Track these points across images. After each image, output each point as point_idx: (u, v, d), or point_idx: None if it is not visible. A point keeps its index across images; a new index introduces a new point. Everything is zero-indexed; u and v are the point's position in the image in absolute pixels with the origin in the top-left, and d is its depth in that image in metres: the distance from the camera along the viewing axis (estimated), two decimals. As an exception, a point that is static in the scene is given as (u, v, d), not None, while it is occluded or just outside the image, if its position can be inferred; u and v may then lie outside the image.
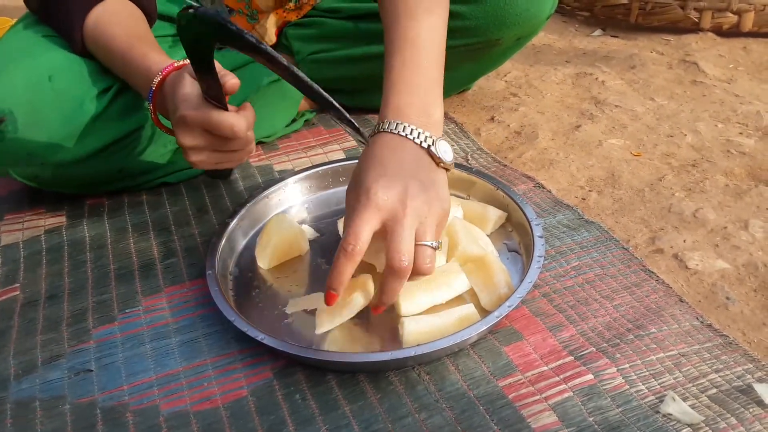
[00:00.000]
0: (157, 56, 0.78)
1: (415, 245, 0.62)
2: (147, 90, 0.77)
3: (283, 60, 0.62)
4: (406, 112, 0.68)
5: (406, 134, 0.66)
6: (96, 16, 0.82)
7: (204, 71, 0.68)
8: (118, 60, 0.81)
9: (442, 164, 0.67)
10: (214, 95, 0.70)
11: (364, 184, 0.63)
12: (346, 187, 0.69)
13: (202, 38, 0.64)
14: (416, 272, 0.63)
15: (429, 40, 0.72)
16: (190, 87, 0.71)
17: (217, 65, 0.69)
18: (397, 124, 0.67)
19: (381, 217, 0.61)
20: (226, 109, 0.72)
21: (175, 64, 0.76)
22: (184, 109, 0.71)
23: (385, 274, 0.62)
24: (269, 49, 0.61)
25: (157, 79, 0.76)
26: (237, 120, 0.71)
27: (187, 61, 0.75)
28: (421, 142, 0.66)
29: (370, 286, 0.68)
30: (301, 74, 0.62)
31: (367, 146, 0.68)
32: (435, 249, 0.64)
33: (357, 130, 0.67)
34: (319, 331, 0.67)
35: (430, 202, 0.64)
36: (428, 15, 0.72)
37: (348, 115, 0.65)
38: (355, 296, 0.67)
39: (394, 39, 0.72)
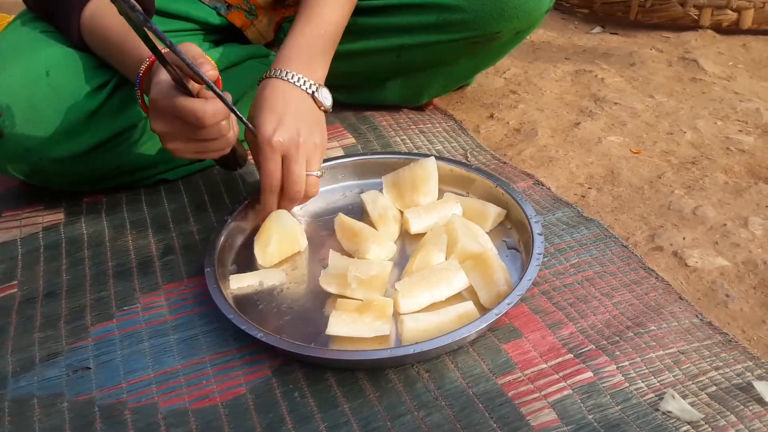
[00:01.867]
0: (146, 48, 0.77)
1: (306, 175, 0.79)
2: (136, 76, 0.76)
3: (166, 39, 0.64)
4: (294, 64, 0.82)
5: (294, 81, 0.80)
6: (92, 10, 0.82)
7: (160, 60, 0.67)
8: (114, 51, 0.81)
9: (323, 108, 0.83)
10: (179, 81, 0.69)
11: (265, 133, 0.76)
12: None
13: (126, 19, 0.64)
14: (305, 195, 0.80)
15: (331, 19, 0.87)
16: (163, 73, 0.71)
17: (197, 51, 0.70)
18: (287, 72, 0.80)
19: (281, 154, 0.77)
20: (192, 96, 0.70)
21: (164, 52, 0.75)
22: (154, 93, 0.71)
23: (283, 198, 0.79)
24: (153, 25, 0.62)
25: (144, 65, 0.75)
26: (201, 107, 0.69)
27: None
28: (306, 88, 0.81)
29: (389, 311, 0.68)
30: (180, 51, 0.66)
31: (261, 86, 0.81)
32: (319, 177, 0.81)
33: (236, 115, 0.74)
34: (330, 331, 0.66)
35: (315, 138, 0.80)
36: (337, 2, 0.87)
37: (228, 101, 0.71)
38: (379, 323, 0.67)
39: (308, 7, 0.86)
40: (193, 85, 0.71)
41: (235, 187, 0.96)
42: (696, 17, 1.53)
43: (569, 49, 1.51)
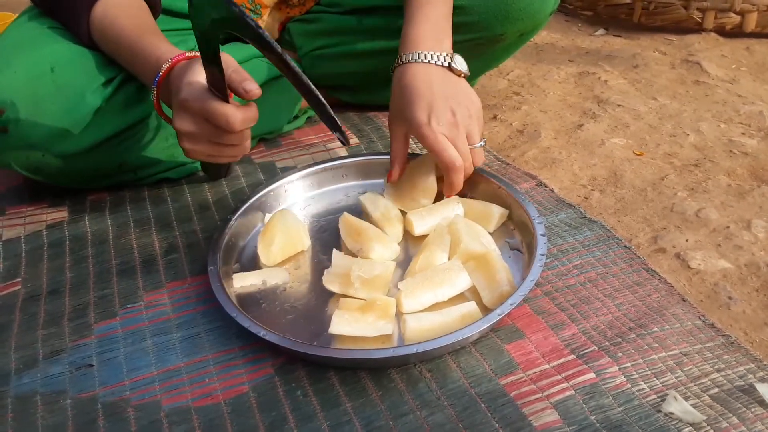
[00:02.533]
0: (166, 46, 0.79)
1: (470, 148, 0.80)
2: (153, 77, 0.77)
3: (285, 55, 0.64)
4: (422, 42, 0.82)
5: (428, 60, 0.81)
6: (103, 8, 0.82)
7: (209, 59, 0.69)
8: (126, 50, 0.81)
9: (462, 75, 0.83)
10: (218, 87, 0.71)
11: (422, 122, 0.78)
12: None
13: (209, 22, 0.65)
14: (475, 165, 0.83)
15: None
16: (197, 75, 0.72)
17: (233, 63, 0.71)
18: (418, 53, 0.81)
19: (447, 137, 0.78)
20: (227, 102, 0.72)
21: (187, 54, 0.77)
22: (186, 94, 0.72)
23: (451, 174, 0.79)
24: (272, 41, 0.63)
25: (166, 65, 0.76)
26: (233, 112, 0.71)
27: (193, 54, 0.76)
28: (442, 62, 0.81)
29: (392, 311, 0.68)
30: (300, 71, 0.66)
31: (398, 75, 0.83)
32: (483, 146, 0.83)
33: (342, 134, 0.73)
34: (332, 330, 0.66)
35: (468, 110, 0.80)
36: None
37: (339, 124, 0.71)
38: (382, 323, 0.67)
39: None
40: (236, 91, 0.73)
41: (238, 185, 0.96)
42: (699, 20, 1.53)
43: (572, 51, 1.51)
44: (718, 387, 0.60)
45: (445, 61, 0.81)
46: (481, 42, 1.02)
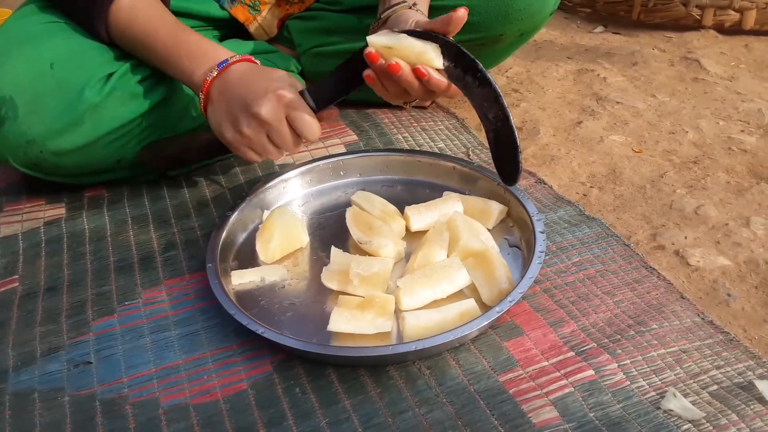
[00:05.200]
0: (214, 43, 0.83)
1: None
2: (205, 69, 0.80)
3: (499, 92, 0.70)
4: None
5: (419, 10, 0.84)
6: (130, 3, 0.83)
7: (347, 80, 0.77)
8: (165, 36, 0.82)
9: None
10: (319, 100, 0.77)
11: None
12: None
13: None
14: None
15: None
16: (296, 82, 0.78)
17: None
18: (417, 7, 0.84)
19: None
20: (315, 111, 0.77)
21: (253, 58, 0.82)
22: (286, 90, 0.75)
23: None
24: (488, 75, 0.70)
25: (236, 58, 0.80)
26: (317, 125, 0.76)
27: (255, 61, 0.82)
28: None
29: (391, 308, 0.68)
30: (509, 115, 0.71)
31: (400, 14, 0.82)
32: None
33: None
34: (331, 328, 0.66)
35: None
36: None
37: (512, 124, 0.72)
38: (381, 320, 0.66)
39: None
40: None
41: (237, 182, 0.96)
42: (698, 17, 1.53)
43: (571, 49, 1.50)
44: (717, 384, 0.60)
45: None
46: (481, 42, 1.01)
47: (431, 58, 0.71)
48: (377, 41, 0.72)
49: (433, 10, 0.97)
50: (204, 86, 0.79)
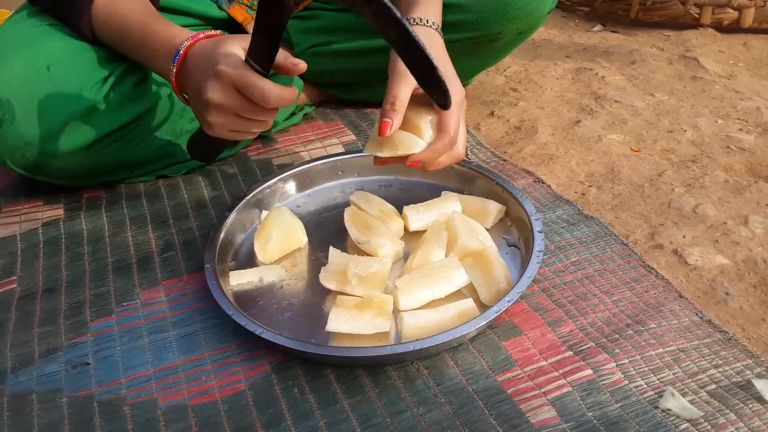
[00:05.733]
0: (180, 28, 0.78)
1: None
2: (169, 57, 0.76)
3: (396, 12, 0.62)
4: (427, 12, 0.83)
5: (431, 26, 0.82)
6: (106, 1, 0.82)
7: (273, 29, 0.67)
8: (136, 34, 0.80)
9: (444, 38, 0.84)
10: (262, 60, 0.70)
11: (457, 98, 0.75)
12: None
13: None
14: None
15: None
16: (235, 48, 0.71)
17: (288, 55, 0.72)
18: (425, 20, 0.82)
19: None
20: (265, 76, 0.71)
21: (208, 33, 0.77)
22: (223, 65, 0.70)
23: (442, 151, 0.75)
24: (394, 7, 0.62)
25: (187, 43, 0.75)
26: (271, 87, 0.70)
27: (216, 32, 0.76)
28: (438, 29, 0.83)
29: (389, 308, 0.68)
30: (414, 33, 0.64)
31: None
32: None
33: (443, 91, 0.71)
34: (330, 328, 0.66)
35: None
36: None
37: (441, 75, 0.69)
38: (379, 320, 0.66)
39: None
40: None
41: (235, 183, 0.96)
42: (697, 16, 1.53)
43: (570, 47, 1.50)
44: (715, 383, 0.60)
45: (439, 28, 0.82)
46: (479, 40, 1.01)
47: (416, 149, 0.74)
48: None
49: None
50: (174, 89, 0.79)
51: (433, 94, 0.71)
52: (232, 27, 1.08)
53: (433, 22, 0.82)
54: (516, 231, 0.80)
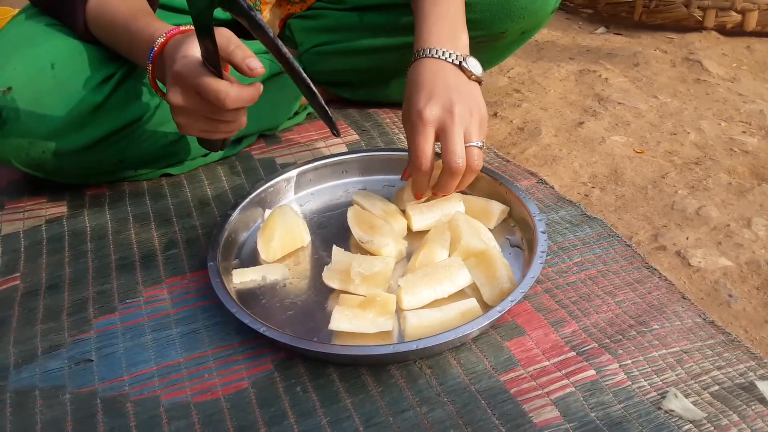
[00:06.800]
0: (161, 24, 0.77)
1: (466, 146, 0.74)
2: (149, 54, 0.75)
3: (270, 32, 0.63)
4: (437, 39, 0.79)
5: (440, 56, 0.78)
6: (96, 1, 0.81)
7: (203, 32, 0.66)
8: (122, 32, 0.79)
9: (473, 77, 0.79)
10: (212, 62, 0.68)
11: (415, 108, 0.74)
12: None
13: None
14: (469, 170, 0.75)
15: None
16: (192, 49, 0.70)
17: (236, 39, 0.69)
18: (431, 49, 0.78)
19: (434, 129, 0.74)
20: (219, 77, 0.69)
21: (181, 28, 0.75)
22: (179, 67, 0.69)
23: (442, 173, 0.75)
24: (259, 17, 0.61)
25: (160, 40, 0.74)
26: (226, 88, 0.68)
27: (188, 27, 0.75)
28: (453, 60, 0.78)
29: (392, 307, 0.68)
30: (290, 56, 0.65)
31: (409, 72, 0.79)
32: (480, 148, 0.76)
33: (332, 124, 0.72)
34: (332, 326, 0.66)
35: (470, 109, 0.75)
36: None
37: (325, 107, 0.70)
38: (382, 319, 0.67)
39: None
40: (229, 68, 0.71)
41: (238, 181, 0.96)
42: (700, 18, 1.53)
43: (573, 49, 1.50)
44: (718, 384, 0.60)
45: (456, 59, 0.78)
46: (482, 39, 1.01)
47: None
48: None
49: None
50: (152, 85, 0.78)
51: (321, 117, 0.71)
52: (233, 27, 1.08)
53: (437, 50, 0.78)
54: (519, 231, 0.80)
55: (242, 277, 0.75)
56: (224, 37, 0.68)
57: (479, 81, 0.80)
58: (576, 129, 1.11)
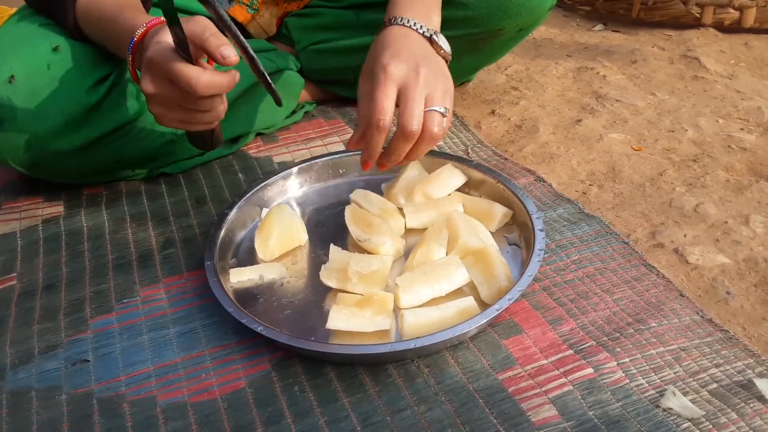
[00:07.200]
0: (144, 16, 0.75)
1: (426, 111, 0.70)
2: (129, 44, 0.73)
3: (226, 16, 0.62)
4: (408, 11, 0.77)
5: (410, 26, 0.76)
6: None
7: (169, 20, 0.65)
8: (109, 29, 0.78)
9: (442, 52, 0.77)
10: (183, 49, 0.66)
11: (380, 62, 0.71)
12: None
13: None
14: (426, 136, 0.71)
15: None
16: (166, 36, 0.68)
17: (212, 27, 0.67)
18: (401, 18, 0.76)
19: (396, 86, 0.70)
20: (191, 63, 0.67)
21: (162, 18, 0.73)
22: (151, 53, 0.67)
23: (396, 136, 0.71)
24: (217, 6, 0.61)
25: (140, 30, 0.72)
26: (197, 74, 0.65)
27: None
28: (424, 32, 0.76)
29: (390, 306, 0.68)
30: (237, 32, 0.63)
31: (376, 37, 0.77)
32: (443, 115, 0.72)
33: (272, 90, 0.69)
34: (330, 325, 0.66)
35: (437, 75, 0.72)
36: None
37: (270, 82, 0.67)
38: (380, 318, 0.66)
39: None
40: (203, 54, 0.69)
41: (236, 180, 0.96)
42: (698, 15, 1.52)
43: (571, 46, 1.50)
44: (716, 382, 0.60)
45: (427, 32, 0.76)
46: (480, 37, 1.01)
47: None
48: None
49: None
50: (134, 78, 0.76)
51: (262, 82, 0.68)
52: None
53: (408, 20, 0.76)
54: (517, 229, 0.80)
55: (239, 277, 0.75)
56: (200, 25, 0.66)
57: (446, 59, 0.77)
58: (574, 126, 1.11)
